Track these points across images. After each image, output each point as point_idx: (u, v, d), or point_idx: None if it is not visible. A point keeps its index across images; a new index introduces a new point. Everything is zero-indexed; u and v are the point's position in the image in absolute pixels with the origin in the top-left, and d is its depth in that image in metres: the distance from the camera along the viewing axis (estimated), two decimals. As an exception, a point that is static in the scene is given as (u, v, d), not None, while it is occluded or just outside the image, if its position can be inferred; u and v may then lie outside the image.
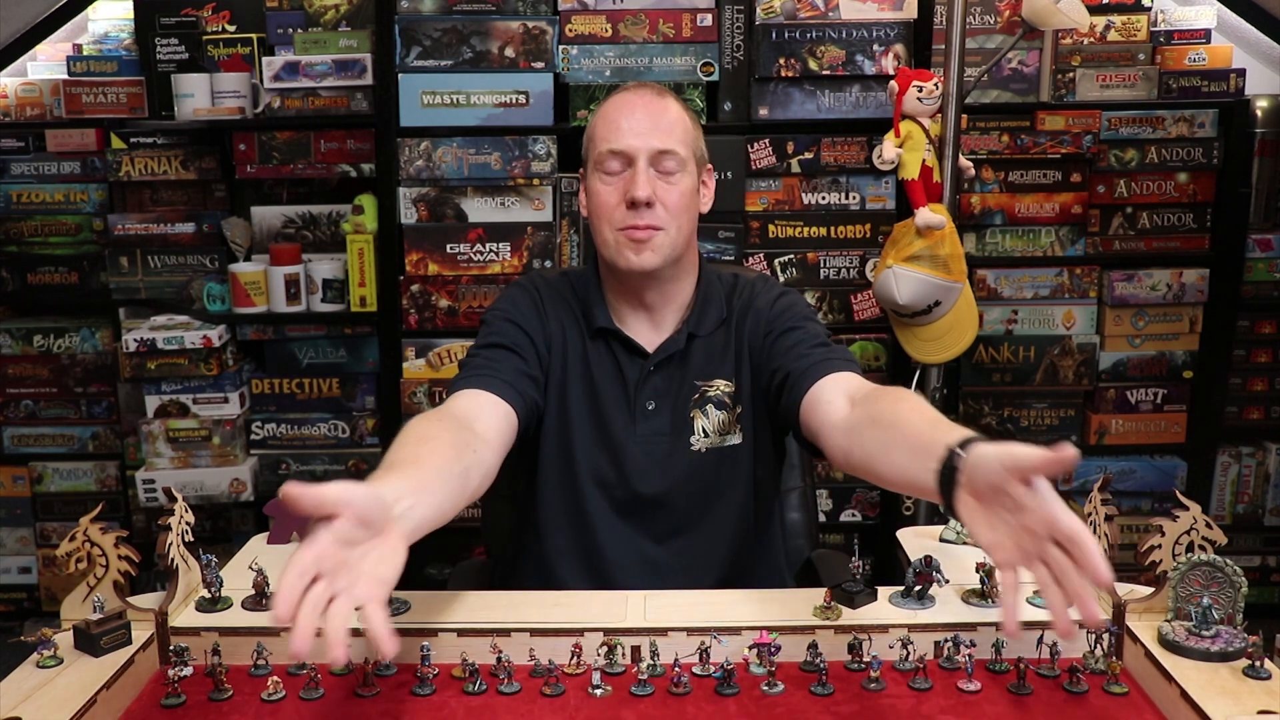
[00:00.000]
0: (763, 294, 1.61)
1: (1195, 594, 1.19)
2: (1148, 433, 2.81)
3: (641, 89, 1.57)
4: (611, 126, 1.52)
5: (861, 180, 2.61)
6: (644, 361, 1.57)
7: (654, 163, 1.50)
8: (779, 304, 1.58)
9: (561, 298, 1.62)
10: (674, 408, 1.56)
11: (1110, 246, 2.75)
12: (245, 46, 2.66)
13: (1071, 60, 2.69)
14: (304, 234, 2.74)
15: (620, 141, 1.50)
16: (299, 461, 2.74)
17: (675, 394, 1.56)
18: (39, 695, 1.11)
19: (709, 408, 1.56)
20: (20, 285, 2.82)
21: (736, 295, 1.61)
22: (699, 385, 1.57)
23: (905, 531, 1.56)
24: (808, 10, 2.52)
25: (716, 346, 1.59)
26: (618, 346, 1.57)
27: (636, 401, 1.56)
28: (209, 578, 1.30)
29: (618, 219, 1.51)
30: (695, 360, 1.57)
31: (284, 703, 1.17)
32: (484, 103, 2.54)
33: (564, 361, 1.58)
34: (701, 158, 1.59)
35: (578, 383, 1.57)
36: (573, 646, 1.22)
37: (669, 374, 1.57)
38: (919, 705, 1.15)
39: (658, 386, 1.57)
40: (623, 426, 1.55)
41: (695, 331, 1.58)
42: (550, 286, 1.64)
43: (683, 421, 1.56)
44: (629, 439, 1.55)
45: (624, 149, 1.50)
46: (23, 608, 2.97)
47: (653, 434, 1.55)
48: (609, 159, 1.52)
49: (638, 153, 1.50)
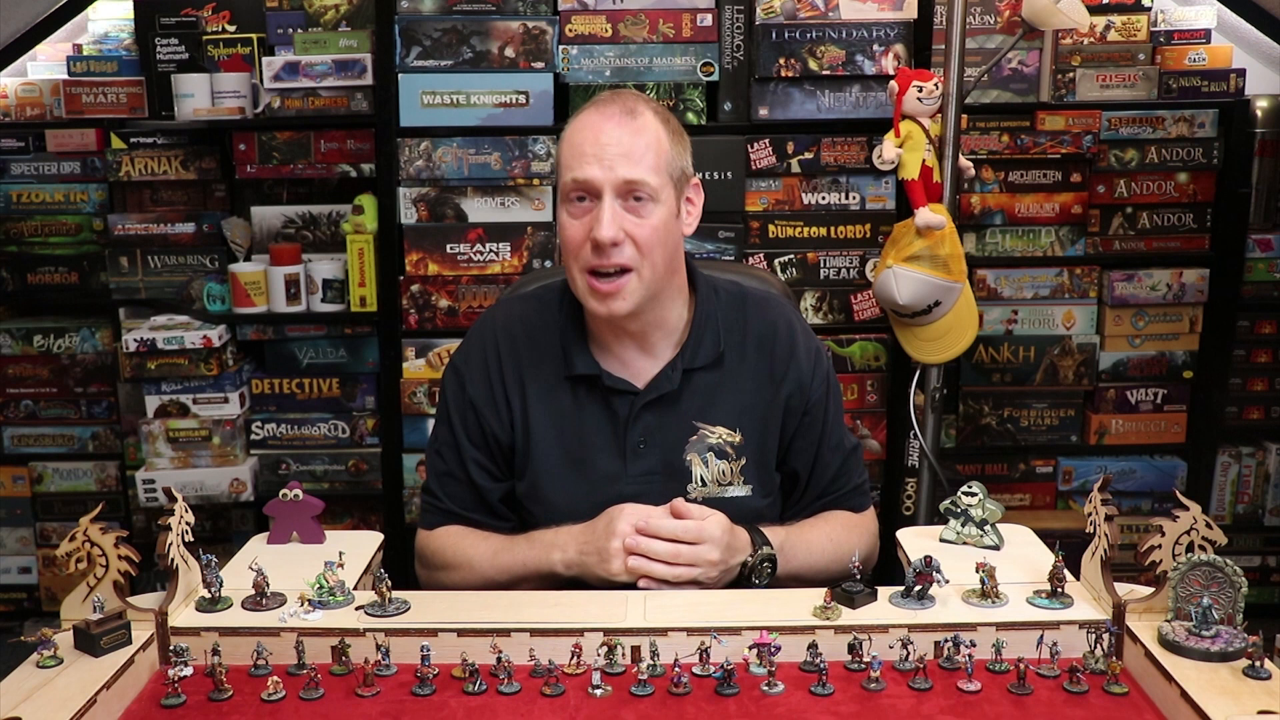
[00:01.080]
0: (803, 349, 1.55)
1: (1195, 594, 1.19)
2: (1148, 433, 2.81)
3: (611, 104, 1.43)
4: (576, 152, 1.40)
5: (861, 180, 2.61)
6: (634, 398, 1.50)
7: (622, 195, 1.39)
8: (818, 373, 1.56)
9: (530, 338, 1.54)
10: (666, 446, 1.50)
11: (1110, 246, 2.75)
12: (245, 46, 2.66)
13: (1071, 60, 2.69)
14: (304, 234, 2.74)
15: (584, 170, 1.39)
16: (299, 461, 2.74)
17: (668, 431, 1.50)
18: (39, 695, 1.11)
19: (709, 455, 1.50)
20: (20, 285, 2.82)
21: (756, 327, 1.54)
22: (697, 426, 1.50)
23: (905, 531, 1.56)
24: (808, 10, 2.52)
25: (721, 382, 1.52)
26: (602, 385, 1.51)
27: (627, 441, 1.50)
28: (209, 578, 1.30)
29: (584, 259, 1.41)
30: (692, 397, 1.51)
31: (284, 703, 1.16)
32: (484, 103, 2.54)
33: (524, 410, 1.52)
34: (682, 177, 1.46)
35: (552, 428, 1.51)
36: (573, 646, 1.22)
37: (661, 411, 1.50)
38: (919, 705, 1.15)
39: (649, 424, 1.50)
40: (611, 469, 1.50)
41: (691, 365, 1.50)
42: (516, 326, 1.55)
43: (677, 463, 1.50)
44: (619, 480, 1.49)
45: (587, 179, 1.39)
46: (23, 608, 2.97)
47: (645, 474, 1.50)
48: (573, 189, 1.41)
49: (603, 185, 1.38)
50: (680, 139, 1.48)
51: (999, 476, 2.85)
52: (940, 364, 2.47)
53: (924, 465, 2.52)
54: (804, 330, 1.60)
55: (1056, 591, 1.29)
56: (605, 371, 1.51)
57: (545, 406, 1.52)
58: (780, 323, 1.57)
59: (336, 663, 1.22)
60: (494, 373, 1.54)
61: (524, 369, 1.54)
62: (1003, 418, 2.80)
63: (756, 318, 1.57)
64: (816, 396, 1.56)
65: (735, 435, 1.51)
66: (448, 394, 1.59)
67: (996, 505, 1.46)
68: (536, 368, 1.53)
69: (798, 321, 1.60)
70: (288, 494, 1.50)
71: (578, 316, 1.54)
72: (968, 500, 1.47)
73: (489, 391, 1.54)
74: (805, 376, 1.55)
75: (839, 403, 1.62)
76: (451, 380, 1.58)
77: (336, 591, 1.31)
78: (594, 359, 1.52)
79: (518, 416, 1.53)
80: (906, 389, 2.53)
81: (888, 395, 2.65)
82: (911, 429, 2.53)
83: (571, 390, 1.52)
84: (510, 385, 1.54)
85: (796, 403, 1.55)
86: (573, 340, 1.52)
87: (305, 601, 1.29)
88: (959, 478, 2.49)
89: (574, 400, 1.52)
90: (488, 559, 1.50)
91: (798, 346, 1.56)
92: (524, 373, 1.54)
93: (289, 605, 1.29)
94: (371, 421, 2.73)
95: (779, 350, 1.55)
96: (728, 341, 1.54)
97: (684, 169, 1.48)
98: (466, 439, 1.56)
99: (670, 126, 1.46)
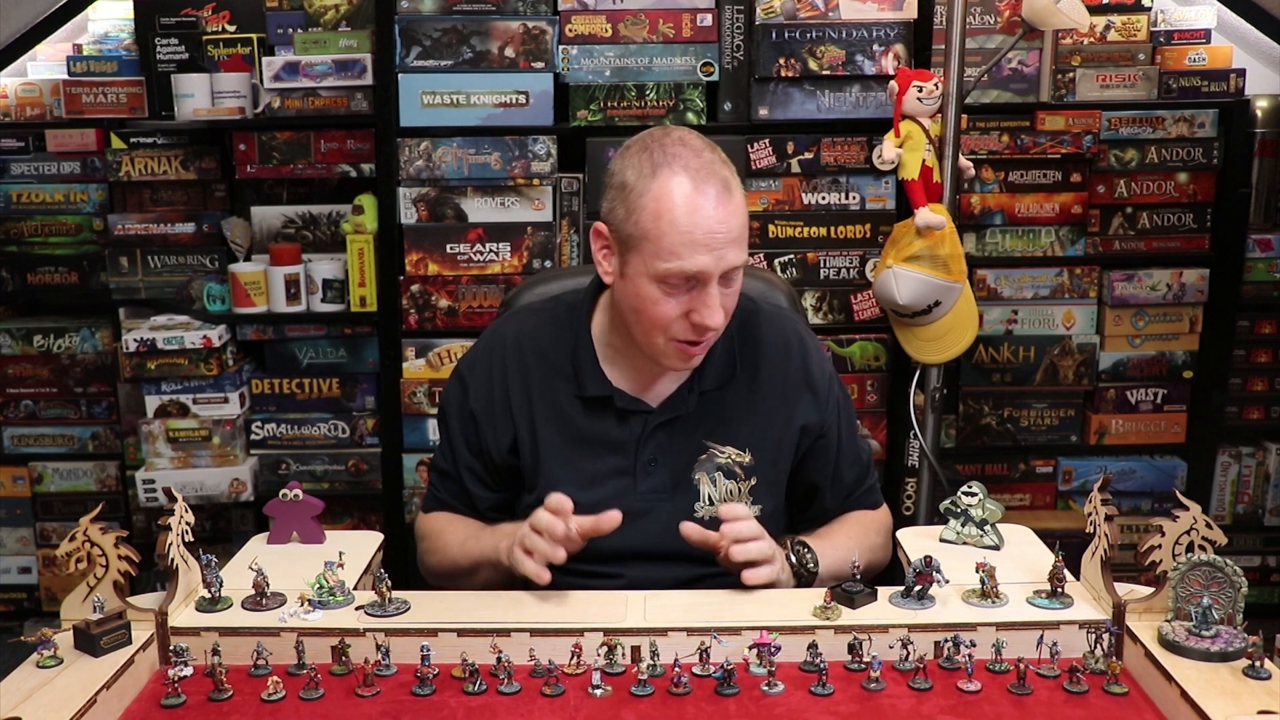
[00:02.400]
0: (816, 368, 1.56)
1: (1195, 594, 1.19)
2: (1148, 433, 2.81)
3: (708, 176, 1.35)
4: (684, 239, 1.33)
5: (861, 180, 2.61)
6: (647, 417, 1.50)
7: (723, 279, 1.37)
8: (832, 392, 1.57)
9: (541, 354, 1.53)
10: (675, 465, 1.50)
11: (1110, 246, 2.75)
12: (245, 46, 2.66)
13: (1071, 60, 2.69)
14: (304, 234, 2.74)
15: (695, 261, 1.33)
16: (299, 461, 2.73)
17: (679, 450, 1.50)
18: (39, 695, 1.11)
19: (717, 475, 1.50)
20: (20, 285, 2.82)
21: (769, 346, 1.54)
22: (708, 446, 1.50)
23: (905, 531, 1.56)
24: (808, 10, 2.52)
25: (734, 402, 1.52)
26: (616, 405, 1.50)
27: (637, 459, 1.50)
28: (209, 578, 1.30)
29: (676, 331, 1.39)
30: (704, 417, 1.51)
31: (284, 703, 1.17)
32: (484, 103, 2.54)
33: (532, 427, 1.52)
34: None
35: (562, 445, 1.51)
36: (573, 646, 1.22)
37: (673, 430, 1.51)
38: (919, 705, 1.15)
39: (661, 443, 1.50)
40: (620, 486, 1.49)
41: (705, 387, 1.51)
42: (527, 343, 1.54)
43: (686, 482, 1.50)
44: (626, 496, 1.48)
45: (700, 272, 1.34)
46: (23, 608, 2.97)
47: (653, 491, 1.50)
48: (677, 276, 1.35)
49: (713, 275, 1.35)
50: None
51: (999, 476, 2.85)
52: (940, 364, 2.47)
53: (924, 465, 2.52)
54: (815, 347, 1.60)
55: (1056, 591, 1.29)
56: (618, 391, 1.51)
57: (555, 423, 1.52)
58: (793, 341, 1.57)
59: (336, 663, 1.22)
60: (498, 389, 1.54)
61: (533, 386, 1.53)
62: (1003, 418, 2.80)
63: (770, 335, 1.56)
64: (830, 417, 1.57)
65: (745, 455, 1.51)
66: (450, 400, 1.60)
67: (996, 505, 1.46)
68: (547, 384, 1.53)
69: (809, 338, 1.60)
70: (288, 494, 1.50)
71: (589, 338, 1.53)
72: (968, 500, 1.47)
73: (490, 407, 1.55)
74: (821, 396, 1.56)
75: (852, 418, 1.64)
76: (455, 388, 1.59)
77: (336, 591, 1.31)
78: (606, 379, 1.51)
79: (524, 434, 1.53)
80: (906, 389, 2.53)
81: (888, 395, 2.65)
82: (911, 429, 2.53)
83: (584, 408, 1.52)
84: (516, 403, 1.53)
85: (811, 423, 1.55)
86: (584, 360, 1.51)
87: (305, 601, 1.29)
88: (959, 478, 2.49)
89: (585, 418, 1.52)
90: (458, 544, 1.55)
91: (811, 365, 1.56)
92: (533, 390, 1.53)
93: (289, 605, 1.30)
94: (371, 421, 2.73)
95: (792, 370, 1.55)
96: (742, 360, 1.54)
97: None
98: (464, 446, 1.58)
99: (737, 179, 1.41)
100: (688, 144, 1.38)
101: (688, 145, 1.38)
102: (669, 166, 1.36)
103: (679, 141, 1.38)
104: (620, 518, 1.34)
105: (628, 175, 1.39)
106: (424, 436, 2.65)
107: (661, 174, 1.35)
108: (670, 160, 1.36)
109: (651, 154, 1.38)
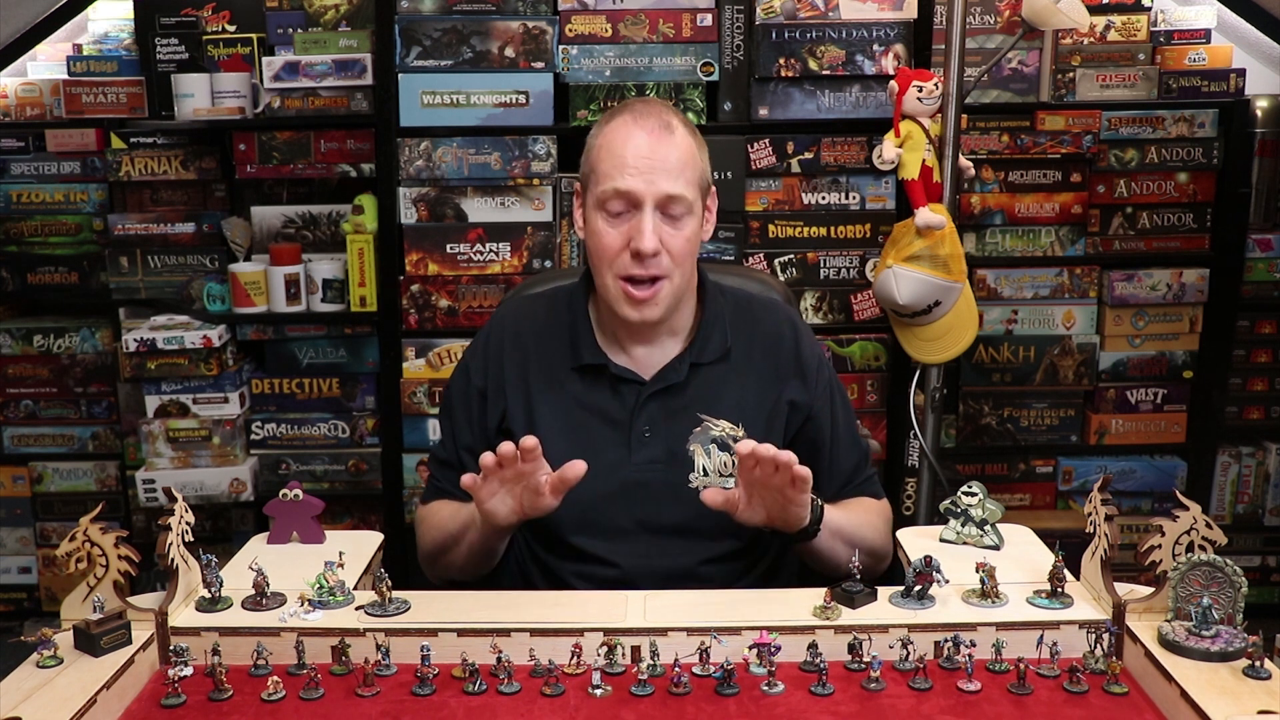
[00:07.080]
0: (808, 353, 1.59)
1: (1195, 594, 1.19)
2: (1148, 433, 2.81)
3: (647, 116, 1.47)
4: (616, 162, 1.45)
5: (861, 180, 2.61)
6: (640, 388, 1.54)
7: (661, 207, 1.45)
8: (821, 378, 1.60)
9: (538, 332, 1.59)
10: (670, 435, 1.52)
11: (1110, 246, 2.75)
12: (245, 46, 2.66)
13: (1071, 60, 2.69)
14: (304, 234, 2.74)
15: (625, 181, 1.44)
16: (299, 461, 2.73)
17: (673, 422, 1.53)
18: (39, 695, 1.11)
19: (711, 447, 1.49)
20: (20, 285, 2.82)
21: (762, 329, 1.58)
22: (701, 418, 1.50)
23: (905, 531, 1.56)
24: (808, 10, 2.52)
25: (725, 378, 1.55)
26: (610, 375, 1.55)
27: (632, 429, 1.53)
28: (209, 578, 1.30)
29: (620, 266, 1.47)
30: (698, 389, 1.54)
31: (284, 703, 1.17)
32: (484, 103, 2.54)
33: (528, 400, 1.55)
34: (706, 187, 1.52)
35: (558, 418, 1.54)
36: (573, 646, 1.22)
37: (667, 402, 1.54)
38: (919, 705, 1.15)
39: (654, 414, 1.54)
40: (616, 456, 1.52)
41: (698, 360, 1.55)
42: (524, 322, 1.60)
43: (680, 452, 1.49)
44: (623, 467, 1.51)
45: (630, 190, 1.44)
46: (23, 608, 2.97)
47: (649, 461, 1.53)
48: (613, 199, 1.46)
49: (644, 197, 1.44)
50: (704, 150, 1.54)
51: (999, 476, 2.85)
52: (940, 364, 2.47)
53: (924, 465, 2.52)
54: (808, 336, 1.65)
55: (1056, 591, 1.29)
56: (612, 361, 1.55)
57: (551, 397, 1.56)
58: (785, 327, 1.62)
59: (336, 663, 1.22)
60: (493, 363, 1.59)
61: (529, 361, 1.58)
62: (1003, 418, 2.80)
63: (763, 320, 1.62)
64: (821, 399, 1.61)
65: (739, 430, 1.52)
66: (454, 389, 1.64)
67: (996, 505, 1.46)
68: (543, 359, 1.58)
69: (802, 327, 1.65)
70: (288, 494, 1.50)
71: (586, 313, 1.58)
72: (968, 500, 1.47)
73: (485, 381, 1.59)
74: (810, 378, 1.60)
75: (848, 405, 1.67)
76: (459, 376, 1.64)
77: (336, 591, 1.31)
78: (602, 350, 1.56)
79: (518, 407, 1.56)
80: (906, 389, 2.53)
81: (888, 395, 2.65)
82: (911, 429, 2.53)
83: (579, 380, 1.56)
84: (511, 376, 1.57)
85: (800, 400, 1.58)
86: (581, 334, 1.56)
87: (305, 601, 1.29)
88: (959, 478, 2.49)
89: (581, 389, 1.56)
90: (449, 514, 1.56)
91: (802, 351, 1.61)
92: (530, 364, 1.58)
93: (289, 605, 1.30)
94: (371, 421, 2.73)
95: (783, 353, 1.60)
96: (734, 340, 1.58)
97: (708, 179, 1.54)
98: (467, 428, 1.60)
99: (697, 139, 1.52)
100: (644, 99, 1.54)
101: (643, 99, 1.54)
102: (620, 114, 1.50)
103: (638, 99, 1.56)
104: (585, 467, 1.35)
105: (592, 131, 1.54)
106: (424, 436, 2.65)
107: (613, 119, 1.50)
108: (622, 109, 1.51)
109: (611, 110, 1.54)
